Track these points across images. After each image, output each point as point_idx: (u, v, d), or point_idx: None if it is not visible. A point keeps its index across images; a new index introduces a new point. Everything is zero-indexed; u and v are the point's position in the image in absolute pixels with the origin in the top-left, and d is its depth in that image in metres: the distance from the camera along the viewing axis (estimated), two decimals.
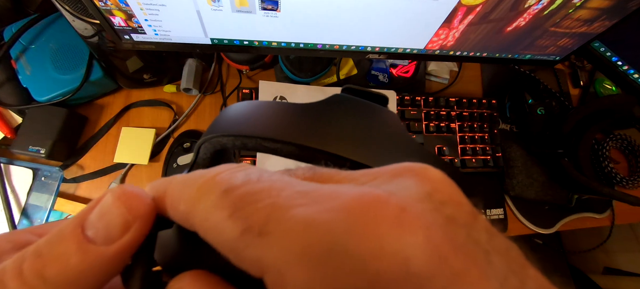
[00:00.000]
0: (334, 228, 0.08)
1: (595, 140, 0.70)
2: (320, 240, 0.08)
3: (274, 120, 0.14)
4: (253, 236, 0.08)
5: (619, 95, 0.72)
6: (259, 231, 0.08)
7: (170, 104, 0.59)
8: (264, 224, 0.08)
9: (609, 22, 0.49)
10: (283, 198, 0.09)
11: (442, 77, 0.71)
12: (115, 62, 0.52)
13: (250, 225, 0.08)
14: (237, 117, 0.15)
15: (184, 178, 0.11)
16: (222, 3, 0.39)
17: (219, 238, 0.09)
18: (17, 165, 0.52)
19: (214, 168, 0.10)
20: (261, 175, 0.10)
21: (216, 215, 0.09)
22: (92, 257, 0.09)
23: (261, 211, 0.08)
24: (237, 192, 0.09)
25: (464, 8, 0.42)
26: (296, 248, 0.08)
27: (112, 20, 0.41)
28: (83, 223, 0.10)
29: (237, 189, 0.09)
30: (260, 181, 0.09)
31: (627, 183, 0.67)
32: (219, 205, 0.09)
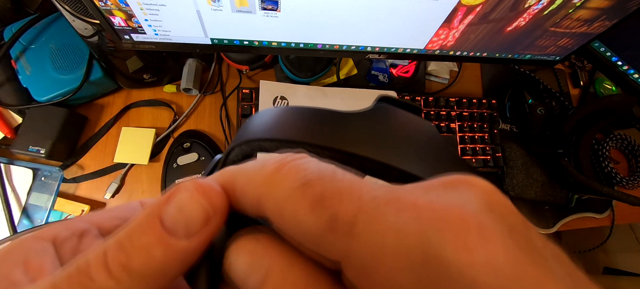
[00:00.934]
0: (427, 236, 0.08)
1: (595, 140, 0.70)
2: (415, 244, 0.08)
3: (320, 127, 0.14)
4: (340, 234, 0.09)
5: (619, 95, 0.72)
6: (347, 231, 0.09)
7: (170, 104, 0.59)
8: (352, 224, 0.09)
9: (609, 22, 0.49)
10: (368, 199, 0.09)
11: (442, 77, 0.71)
12: (115, 62, 0.52)
13: (336, 222, 0.09)
14: (278, 120, 0.15)
15: (252, 165, 0.11)
16: (222, 3, 0.39)
17: (298, 229, 0.09)
18: (17, 165, 0.52)
19: (279, 155, 0.10)
20: (334, 169, 0.10)
21: (295, 206, 0.09)
22: (174, 250, 0.10)
23: (347, 209, 0.09)
24: (317, 184, 0.09)
25: (464, 8, 0.42)
26: (390, 248, 0.08)
27: (112, 20, 0.41)
28: (160, 216, 0.10)
29: (316, 182, 0.09)
30: (335, 175, 0.10)
31: (627, 183, 0.67)
32: (298, 195, 0.09)
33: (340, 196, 0.09)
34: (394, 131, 0.14)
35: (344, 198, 0.09)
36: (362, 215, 0.09)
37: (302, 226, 0.09)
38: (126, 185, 0.55)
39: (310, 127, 0.14)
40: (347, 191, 0.09)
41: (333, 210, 0.09)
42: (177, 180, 0.54)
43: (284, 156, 0.10)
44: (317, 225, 0.09)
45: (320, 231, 0.09)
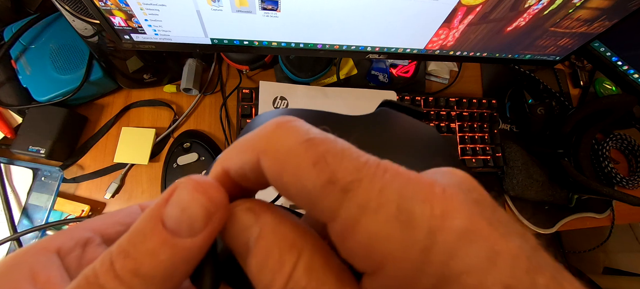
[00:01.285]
0: (403, 193, 0.09)
1: (595, 140, 0.70)
2: (392, 200, 0.09)
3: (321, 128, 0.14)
4: (336, 189, 0.09)
5: (619, 95, 0.72)
6: (343, 187, 0.09)
7: (170, 104, 0.59)
8: (349, 182, 0.09)
9: (609, 22, 0.49)
10: (362, 162, 0.10)
11: (442, 77, 0.71)
12: (115, 62, 0.52)
13: (336, 179, 0.09)
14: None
15: (241, 138, 0.11)
16: (222, 3, 0.39)
17: (297, 184, 0.10)
18: (17, 165, 0.52)
19: (274, 119, 0.11)
20: (335, 136, 0.11)
21: (297, 160, 0.10)
22: (180, 250, 0.10)
23: (347, 170, 0.09)
24: (321, 144, 0.10)
25: (464, 8, 0.42)
26: (373, 204, 0.09)
27: (112, 20, 0.41)
28: (161, 218, 0.10)
29: (320, 141, 0.10)
30: (337, 141, 0.10)
31: (627, 183, 0.67)
32: (301, 150, 0.10)
33: (341, 158, 0.10)
34: (397, 137, 0.15)
35: (345, 160, 0.10)
36: (358, 174, 0.09)
37: (301, 181, 0.10)
38: (126, 185, 0.55)
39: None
40: (348, 155, 0.10)
41: (334, 168, 0.09)
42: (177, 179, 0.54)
43: (284, 116, 0.11)
44: (317, 181, 0.09)
45: (318, 188, 0.09)
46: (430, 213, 0.09)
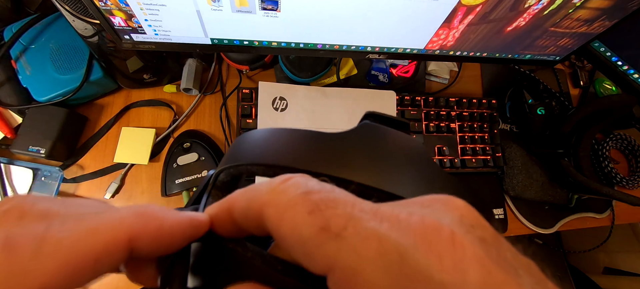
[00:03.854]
0: (404, 242, 0.09)
1: (595, 140, 0.70)
2: (393, 250, 0.09)
3: (307, 152, 0.14)
4: (330, 236, 0.10)
5: (619, 95, 0.72)
6: (337, 233, 0.10)
7: (170, 104, 0.59)
8: (343, 228, 0.10)
9: (609, 22, 0.49)
10: (357, 211, 0.10)
11: (442, 77, 0.71)
12: (115, 62, 0.52)
13: (329, 225, 0.10)
14: (266, 144, 0.15)
15: (251, 187, 0.12)
16: (222, 3, 0.39)
17: (294, 231, 0.10)
18: (17, 165, 0.52)
19: (281, 176, 0.12)
20: (332, 187, 0.11)
21: (295, 210, 0.10)
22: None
23: (340, 217, 0.10)
24: (316, 195, 0.10)
25: (463, 8, 0.42)
26: (371, 251, 0.09)
27: (112, 20, 0.41)
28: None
29: (316, 193, 0.11)
30: (334, 191, 0.11)
31: (627, 183, 0.67)
32: (299, 201, 0.10)
33: (335, 206, 0.10)
34: (379, 153, 0.15)
35: (338, 208, 0.10)
36: (352, 222, 0.10)
37: (298, 229, 0.10)
38: (126, 185, 0.55)
39: (297, 151, 0.14)
40: (342, 202, 0.10)
41: (327, 215, 0.10)
42: (177, 179, 0.54)
43: (286, 175, 0.12)
44: (312, 227, 0.10)
45: (314, 234, 0.10)
46: (440, 267, 0.09)
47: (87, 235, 0.10)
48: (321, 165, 0.14)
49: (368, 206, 0.10)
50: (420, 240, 0.09)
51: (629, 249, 1.09)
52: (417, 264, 0.09)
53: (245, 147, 0.16)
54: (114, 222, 0.11)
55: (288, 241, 0.10)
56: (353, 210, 0.10)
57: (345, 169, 0.13)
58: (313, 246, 0.10)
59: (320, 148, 0.15)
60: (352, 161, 0.14)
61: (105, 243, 0.10)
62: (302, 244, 0.10)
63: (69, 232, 0.10)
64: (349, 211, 0.10)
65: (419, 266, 0.09)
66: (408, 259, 0.09)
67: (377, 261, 0.09)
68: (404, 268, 0.09)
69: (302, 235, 0.10)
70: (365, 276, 0.09)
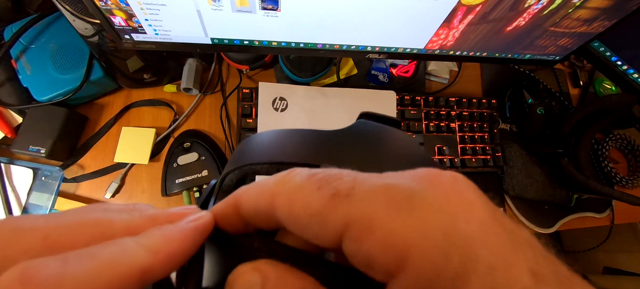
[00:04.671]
0: (411, 185, 0.10)
1: (595, 139, 0.70)
2: (401, 193, 0.10)
3: (307, 149, 0.15)
4: (341, 199, 0.10)
5: (619, 95, 0.72)
6: (347, 194, 0.10)
7: (170, 104, 0.59)
8: (351, 189, 0.10)
9: (609, 22, 0.49)
10: (361, 175, 0.11)
11: (442, 76, 0.71)
12: (115, 62, 0.52)
13: (338, 191, 0.10)
14: (267, 145, 0.16)
15: (256, 182, 0.13)
16: (222, 3, 0.39)
17: (307, 209, 0.11)
18: (17, 164, 0.52)
19: (284, 171, 0.12)
20: (333, 167, 0.12)
21: (304, 191, 0.11)
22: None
23: (346, 182, 0.11)
24: (321, 174, 0.11)
25: (463, 8, 0.42)
26: (381, 199, 0.10)
27: (112, 19, 0.41)
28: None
29: (320, 172, 0.11)
30: (335, 169, 0.11)
31: (626, 183, 0.67)
32: (307, 182, 0.11)
33: (340, 178, 0.11)
34: (376, 147, 0.16)
35: (343, 177, 0.11)
36: (358, 182, 0.11)
37: (310, 205, 0.11)
38: (126, 184, 0.55)
39: (298, 148, 0.15)
40: (345, 173, 0.11)
41: (335, 184, 0.11)
42: (177, 179, 0.54)
43: (288, 170, 0.12)
44: (323, 198, 0.10)
45: (325, 203, 0.10)
46: (446, 199, 0.10)
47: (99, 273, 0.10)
48: (320, 160, 0.14)
49: (369, 173, 0.11)
50: (426, 183, 0.10)
51: (628, 249, 1.09)
52: (427, 200, 0.10)
53: (248, 149, 0.16)
54: (123, 261, 0.10)
55: (302, 222, 0.11)
56: (357, 175, 0.11)
57: (343, 162, 0.14)
58: (326, 214, 0.10)
59: (319, 144, 0.15)
60: (349, 154, 0.15)
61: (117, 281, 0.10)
62: (316, 217, 0.10)
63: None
64: (353, 176, 0.11)
65: (428, 202, 0.10)
66: (417, 199, 0.10)
67: (389, 205, 0.10)
68: (415, 206, 0.10)
69: (315, 208, 0.10)
70: (380, 221, 0.09)
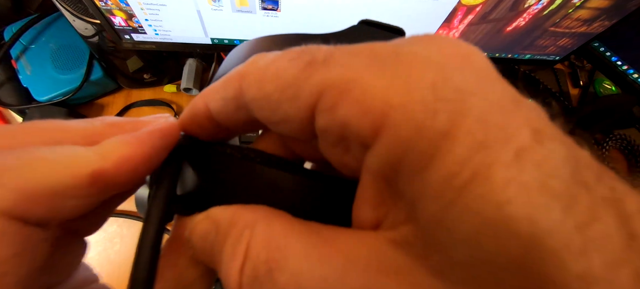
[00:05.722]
0: (399, 43, 0.09)
1: (595, 139, 0.70)
2: (387, 49, 0.08)
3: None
4: (317, 66, 0.09)
5: (619, 95, 0.72)
6: (324, 59, 0.09)
7: (170, 104, 0.59)
8: (329, 55, 0.09)
9: (609, 22, 0.49)
10: (345, 46, 0.09)
11: None
12: (115, 62, 0.52)
13: (315, 58, 0.09)
14: (252, 53, 0.15)
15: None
16: (222, 3, 0.39)
17: (278, 81, 0.09)
18: None
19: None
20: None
21: (276, 63, 0.09)
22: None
23: (324, 50, 0.09)
24: (297, 49, 0.09)
25: (463, 8, 0.42)
26: (364, 59, 0.08)
27: (112, 20, 0.41)
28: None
29: (296, 48, 0.10)
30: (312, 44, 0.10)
31: None
32: (279, 57, 0.09)
33: (317, 49, 0.09)
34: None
35: (322, 48, 0.09)
36: (338, 49, 0.09)
37: (281, 77, 0.09)
38: None
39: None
40: (325, 46, 0.09)
41: (312, 54, 0.09)
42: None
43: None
44: (296, 67, 0.09)
45: (299, 71, 0.09)
46: (439, 50, 0.08)
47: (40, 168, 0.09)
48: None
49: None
50: (417, 38, 0.09)
51: None
52: (415, 53, 0.08)
53: (230, 61, 0.15)
54: (72, 160, 0.10)
55: (272, 100, 0.09)
56: (336, 46, 0.09)
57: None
58: (300, 82, 0.09)
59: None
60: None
61: (65, 180, 0.09)
62: (287, 90, 0.09)
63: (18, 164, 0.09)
64: (332, 48, 0.09)
65: (416, 54, 0.08)
66: (404, 53, 0.08)
67: (372, 65, 0.08)
68: (401, 60, 0.08)
69: (287, 78, 0.09)
70: (360, 81, 0.08)
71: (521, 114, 0.07)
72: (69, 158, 0.09)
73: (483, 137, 0.07)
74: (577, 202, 0.06)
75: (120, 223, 0.50)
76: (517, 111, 0.07)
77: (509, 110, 0.07)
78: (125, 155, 0.10)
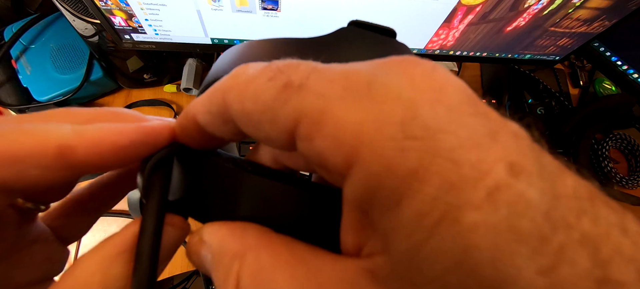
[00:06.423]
0: (373, 71, 0.09)
1: (595, 139, 0.70)
2: (360, 80, 0.08)
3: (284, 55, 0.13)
4: (293, 89, 0.09)
5: (619, 95, 0.72)
6: (299, 84, 0.09)
7: (170, 104, 0.59)
8: (305, 78, 0.09)
9: (609, 22, 0.49)
10: (321, 65, 0.09)
11: None
12: (115, 62, 0.52)
13: (291, 81, 0.09)
14: (239, 58, 0.14)
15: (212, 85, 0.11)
16: (222, 3, 0.39)
17: (257, 103, 0.09)
18: None
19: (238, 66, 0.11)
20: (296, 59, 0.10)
21: (255, 82, 0.09)
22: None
23: (301, 71, 0.09)
24: (276, 64, 0.10)
25: (463, 8, 0.42)
26: (338, 88, 0.08)
27: (112, 19, 0.41)
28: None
29: (276, 63, 0.10)
30: (292, 58, 0.10)
31: (626, 183, 0.67)
32: (259, 73, 0.09)
33: (297, 67, 0.09)
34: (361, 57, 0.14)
35: (299, 67, 0.09)
36: (315, 72, 0.09)
37: (260, 98, 0.09)
38: None
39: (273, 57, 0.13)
40: (303, 63, 0.09)
41: (288, 75, 0.09)
42: None
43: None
44: (273, 89, 0.09)
45: (276, 94, 0.09)
46: (410, 84, 0.08)
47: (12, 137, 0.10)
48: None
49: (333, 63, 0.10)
50: (392, 68, 0.09)
51: None
52: (386, 86, 0.08)
53: (220, 65, 0.15)
54: (45, 132, 0.10)
55: (253, 119, 0.09)
56: (317, 65, 0.09)
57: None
58: (277, 107, 0.09)
59: (292, 52, 0.14)
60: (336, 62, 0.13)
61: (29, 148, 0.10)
62: (266, 112, 0.09)
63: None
64: (312, 66, 0.09)
65: (388, 88, 0.08)
66: (376, 85, 0.08)
67: (345, 97, 0.08)
68: (373, 93, 0.08)
69: (265, 101, 0.09)
70: (332, 114, 0.08)
71: (498, 147, 0.07)
72: (43, 131, 0.10)
73: (453, 176, 0.07)
74: (547, 243, 0.06)
75: (120, 223, 0.50)
76: (493, 145, 0.07)
77: (484, 145, 0.07)
78: (97, 138, 0.10)
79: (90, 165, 0.11)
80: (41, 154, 0.10)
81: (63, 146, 0.10)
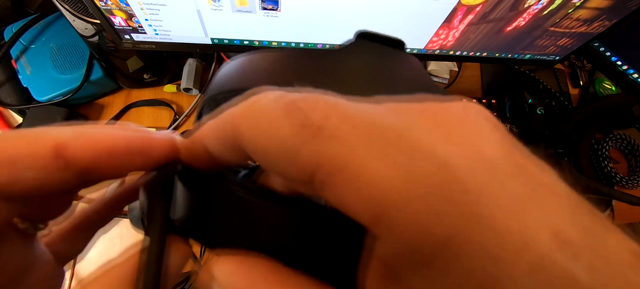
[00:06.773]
0: (403, 122, 0.08)
1: (595, 139, 0.70)
2: (389, 130, 0.08)
3: (287, 68, 0.13)
4: (312, 131, 0.08)
5: (619, 95, 0.72)
6: (320, 126, 0.08)
7: (170, 104, 0.59)
8: (325, 118, 0.08)
9: (609, 22, 0.49)
10: (341, 101, 0.09)
11: (442, 76, 0.71)
12: (115, 62, 0.52)
13: (309, 120, 0.08)
14: (244, 70, 0.14)
15: (221, 109, 0.11)
16: (222, 3, 0.39)
17: (273, 138, 0.09)
18: None
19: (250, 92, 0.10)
20: (310, 89, 0.10)
21: (269, 114, 0.09)
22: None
23: (321, 110, 0.08)
24: (291, 95, 0.09)
25: (463, 8, 0.42)
26: (363, 137, 0.08)
27: (112, 19, 0.41)
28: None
29: (291, 94, 0.09)
30: (312, 91, 0.09)
31: (626, 183, 0.67)
32: (273, 105, 0.09)
33: (314, 103, 0.09)
34: (373, 72, 0.13)
35: (318, 104, 0.09)
36: (335, 111, 0.08)
37: (276, 135, 0.09)
38: None
39: (279, 70, 0.13)
40: (322, 98, 0.09)
41: (306, 112, 0.08)
42: None
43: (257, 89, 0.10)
44: (290, 126, 0.08)
45: (293, 133, 0.08)
46: (445, 139, 0.07)
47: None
48: (309, 82, 0.12)
49: (352, 99, 0.09)
50: (424, 118, 0.08)
51: None
52: (418, 140, 0.07)
53: (223, 77, 0.15)
54: (44, 134, 0.10)
55: (269, 154, 0.09)
56: (336, 102, 0.09)
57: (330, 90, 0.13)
58: (294, 147, 0.08)
59: (302, 66, 0.13)
60: (337, 80, 0.12)
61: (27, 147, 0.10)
62: (283, 151, 0.09)
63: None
64: (331, 103, 0.08)
65: (420, 142, 0.07)
66: (407, 138, 0.08)
67: (371, 146, 0.08)
68: (402, 147, 0.07)
69: (281, 138, 0.08)
70: (358, 166, 0.07)
71: (539, 212, 0.07)
72: (40, 132, 0.10)
73: (494, 249, 0.06)
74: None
75: (121, 224, 0.50)
76: (535, 209, 0.07)
77: (525, 210, 0.07)
78: (94, 138, 0.10)
79: (86, 166, 0.10)
80: (37, 154, 0.10)
81: (59, 145, 0.10)
